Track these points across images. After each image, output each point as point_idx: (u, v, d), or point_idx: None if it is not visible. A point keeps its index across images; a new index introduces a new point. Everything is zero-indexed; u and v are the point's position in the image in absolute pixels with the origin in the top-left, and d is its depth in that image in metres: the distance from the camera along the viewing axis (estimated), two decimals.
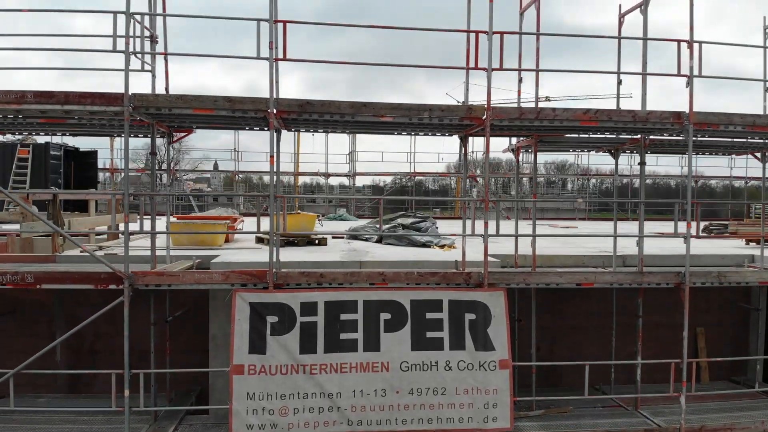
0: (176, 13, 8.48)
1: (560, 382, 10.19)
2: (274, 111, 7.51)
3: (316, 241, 11.76)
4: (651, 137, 9.29)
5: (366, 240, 12.79)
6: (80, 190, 11.44)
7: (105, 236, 12.41)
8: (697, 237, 8.73)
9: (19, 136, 23.64)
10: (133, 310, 7.55)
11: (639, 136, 9.14)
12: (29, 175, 18.52)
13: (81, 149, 22.77)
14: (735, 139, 9.60)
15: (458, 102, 65.79)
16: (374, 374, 7.53)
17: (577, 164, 35.28)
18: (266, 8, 7.44)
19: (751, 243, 13.13)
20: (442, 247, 11.39)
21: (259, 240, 12.07)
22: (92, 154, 21.51)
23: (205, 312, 9.23)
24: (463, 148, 9.26)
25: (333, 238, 13.84)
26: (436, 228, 12.91)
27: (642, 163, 9.23)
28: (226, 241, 12.00)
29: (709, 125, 8.30)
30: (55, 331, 9.80)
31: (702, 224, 18.00)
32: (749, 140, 9.45)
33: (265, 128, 8.22)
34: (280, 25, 7.54)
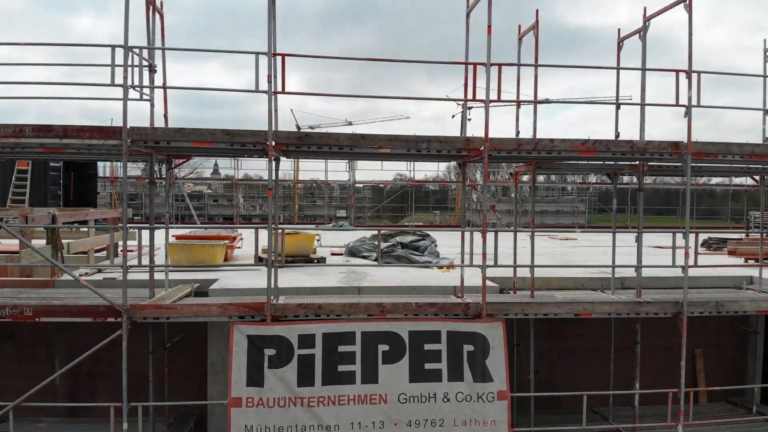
0: (177, 13, 8.47)
1: (559, 406, 10.20)
2: (273, 144, 7.52)
3: (315, 260, 11.79)
4: (650, 163, 9.30)
5: (365, 257, 12.80)
6: (79, 211, 11.38)
7: (104, 252, 12.46)
8: (695, 266, 8.71)
9: None
10: (132, 334, 7.59)
11: (637, 162, 9.15)
12: (29, 187, 18.62)
13: (81, 160, 22.84)
14: (733, 165, 9.59)
15: (458, 104, 65.63)
16: (372, 406, 7.54)
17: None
18: (263, 9, 7.41)
19: (750, 261, 13.15)
20: (441, 267, 11.40)
21: (259, 260, 12.07)
22: (92, 165, 21.63)
23: (203, 337, 9.24)
24: (461, 173, 9.26)
25: (332, 255, 13.86)
26: (435, 246, 12.92)
27: (640, 190, 9.23)
28: (226, 258, 12.02)
29: (707, 155, 8.30)
30: (54, 355, 9.81)
31: (701, 237, 18.07)
32: (749, 165, 9.43)
33: (264, 156, 8.23)
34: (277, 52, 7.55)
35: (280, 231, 11.40)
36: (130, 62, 7.47)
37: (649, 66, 8.97)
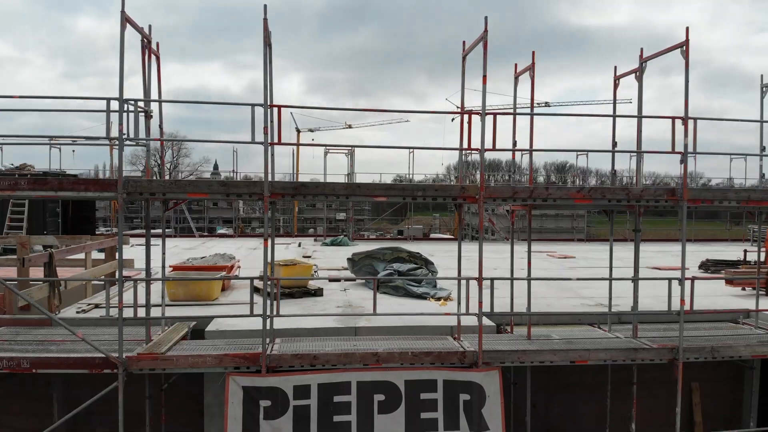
0: (178, 13, 8.46)
1: None
2: (269, 194, 7.52)
3: (313, 292, 11.81)
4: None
5: (364, 281, 12.81)
6: (77, 243, 11.39)
7: (102, 270, 12.46)
8: (691, 311, 8.72)
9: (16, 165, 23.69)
10: (129, 377, 7.64)
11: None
12: (26, 212, 18.63)
13: (79, 176, 22.83)
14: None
15: (457, 107, 65.71)
16: None
17: (577, 166, 35.30)
18: (268, 8, 7.40)
19: (747, 288, 13.15)
20: (439, 299, 11.41)
21: (255, 290, 12.09)
22: None
23: (199, 377, 9.26)
24: (457, 215, 9.25)
25: (330, 281, 13.87)
26: (434, 273, 12.94)
27: (637, 230, 9.24)
28: (223, 289, 12.05)
29: (703, 201, 8.31)
30: (52, 393, 9.83)
31: (699, 257, 18.09)
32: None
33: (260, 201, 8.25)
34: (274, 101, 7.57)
35: (277, 264, 11.46)
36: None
37: (650, 67, 8.96)
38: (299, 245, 22.52)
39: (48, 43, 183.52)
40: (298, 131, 73.92)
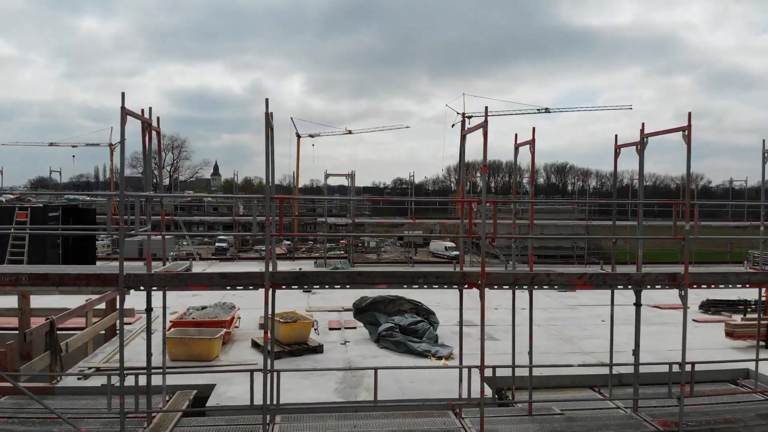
0: (180, 13, 8.45)
1: None
2: (269, 285, 7.53)
3: (314, 348, 11.84)
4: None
5: (366, 332, 12.84)
6: (79, 308, 11.40)
7: (102, 323, 12.49)
8: (690, 395, 8.73)
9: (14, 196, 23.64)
10: None
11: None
12: (27, 240, 18.62)
13: (80, 206, 22.86)
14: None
15: (457, 113, 65.25)
16: None
17: (576, 167, 35.39)
18: (269, 8, 7.40)
19: (748, 339, 13.15)
20: (440, 358, 11.43)
21: (255, 345, 12.15)
22: (91, 212, 21.63)
23: None
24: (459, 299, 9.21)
25: (330, 329, 13.90)
26: (435, 325, 12.96)
27: (637, 305, 9.23)
28: (224, 342, 12.08)
29: (704, 284, 8.31)
30: None
31: (701, 296, 18.02)
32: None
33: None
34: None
35: (277, 321, 11.46)
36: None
37: (652, 67, 8.93)
38: None
39: (51, 43, 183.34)
40: (299, 136, 74.13)
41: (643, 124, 9.20)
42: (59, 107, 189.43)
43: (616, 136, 9.84)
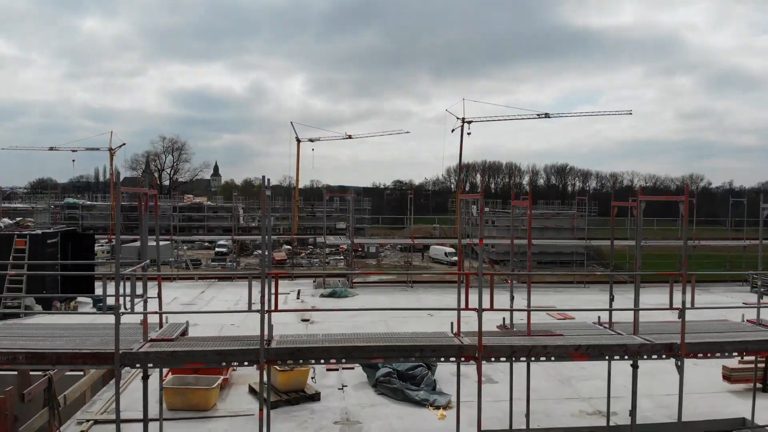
0: (181, 13, 8.44)
1: None
2: (264, 361, 7.54)
3: (311, 395, 11.86)
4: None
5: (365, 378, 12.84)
6: (77, 369, 11.42)
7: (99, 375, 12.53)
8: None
9: (13, 222, 23.66)
10: None
11: None
12: (26, 268, 18.62)
13: (78, 231, 22.87)
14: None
15: (457, 118, 65.35)
16: None
17: (576, 168, 35.42)
18: (270, 8, 7.42)
19: (746, 383, 13.15)
20: (438, 408, 11.44)
21: (252, 391, 12.16)
22: (90, 237, 21.63)
23: None
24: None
25: (327, 369, 13.90)
26: (434, 369, 12.95)
27: (634, 367, 9.24)
28: (222, 387, 12.10)
29: (700, 353, 8.32)
30: None
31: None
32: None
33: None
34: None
35: (274, 368, 11.48)
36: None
37: (654, 67, 8.91)
38: (298, 296, 22.52)
39: (53, 44, 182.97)
40: (299, 141, 74.09)
41: (640, 187, 9.23)
42: (60, 107, 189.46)
43: (612, 195, 9.89)
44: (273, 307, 7.64)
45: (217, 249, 58.69)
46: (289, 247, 57.90)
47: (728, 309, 11.05)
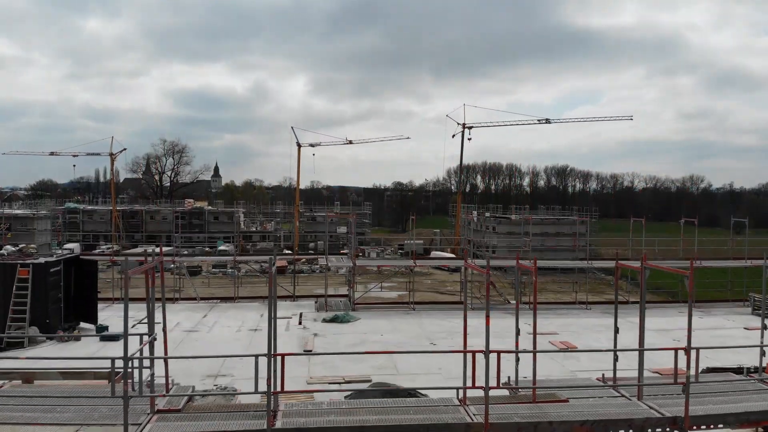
0: (182, 13, 8.46)
1: None
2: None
3: None
4: None
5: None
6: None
7: None
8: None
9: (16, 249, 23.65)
10: None
11: None
12: (29, 298, 18.65)
13: (81, 257, 22.93)
14: None
15: (458, 124, 65.18)
16: None
17: (577, 169, 35.60)
18: (272, 9, 7.46)
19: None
20: None
21: None
22: (92, 264, 21.64)
23: None
24: None
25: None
26: None
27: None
28: None
29: (703, 425, 8.39)
30: None
31: (703, 361, 18.03)
32: None
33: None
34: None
35: None
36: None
37: (655, 67, 8.95)
38: (300, 321, 22.54)
39: (55, 44, 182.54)
40: (299, 146, 73.94)
41: (644, 255, 9.26)
42: (61, 107, 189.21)
43: (617, 252, 9.92)
44: (279, 389, 7.68)
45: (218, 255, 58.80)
46: (290, 252, 58.10)
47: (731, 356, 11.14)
